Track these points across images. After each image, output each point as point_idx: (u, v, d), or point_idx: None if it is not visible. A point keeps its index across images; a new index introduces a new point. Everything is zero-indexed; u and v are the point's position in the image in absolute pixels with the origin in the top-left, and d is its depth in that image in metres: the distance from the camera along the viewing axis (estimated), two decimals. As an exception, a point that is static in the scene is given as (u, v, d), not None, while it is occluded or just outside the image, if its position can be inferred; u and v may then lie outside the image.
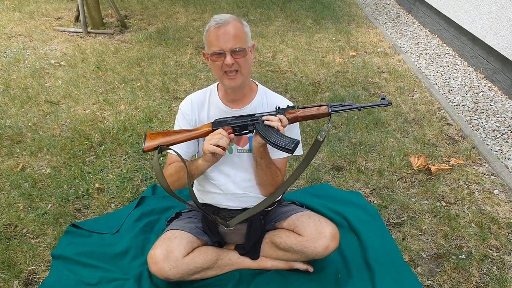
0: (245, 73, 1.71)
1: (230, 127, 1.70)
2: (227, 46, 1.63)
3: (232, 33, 1.63)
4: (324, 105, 1.69)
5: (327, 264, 2.08)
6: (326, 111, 1.68)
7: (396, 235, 2.31)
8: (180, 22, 6.12)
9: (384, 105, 1.67)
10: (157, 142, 1.69)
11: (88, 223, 2.37)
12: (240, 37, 1.65)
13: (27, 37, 5.40)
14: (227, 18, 1.65)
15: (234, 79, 1.69)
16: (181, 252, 1.80)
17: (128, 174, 2.80)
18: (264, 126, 1.66)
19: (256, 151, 1.75)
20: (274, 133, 1.65)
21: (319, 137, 1.71)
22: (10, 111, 3.59)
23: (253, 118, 1.70)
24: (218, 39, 1.63)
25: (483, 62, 4.33)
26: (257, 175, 1.86)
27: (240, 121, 1.71)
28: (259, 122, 1.68)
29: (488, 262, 2.13)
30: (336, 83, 4.19)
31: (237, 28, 1.65)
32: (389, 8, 7.01)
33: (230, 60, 1.63)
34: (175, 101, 3.81)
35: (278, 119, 1.65)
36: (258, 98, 1.85)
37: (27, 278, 2.04)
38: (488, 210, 2.49)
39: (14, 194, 2.60)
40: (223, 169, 1.89)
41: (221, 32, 1.62)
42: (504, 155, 3.03)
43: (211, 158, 1.69)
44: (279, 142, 1.63)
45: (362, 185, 2.72)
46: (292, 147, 1.63)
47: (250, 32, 1.73)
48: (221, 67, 1.67)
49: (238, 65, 1.66)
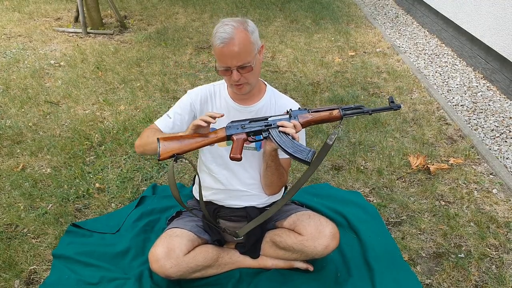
0: (252, 82, 1.74)
1: (245, 133, 1.71)
2: (233, 64, 1.64)
3: (237, 50, 1.61)
4: (335, 108, 1.71)
5: (327, 263, 2.09)
6: (338, 115, 1.70)
7: (396, 234, 2.32)
8: (180, 23, 6.13)
9: (394, 109, 1.70)
10: (172, 150, 1.65)
11: (88, 222, 2.37)
12: (245, 52, 1.64)
13: (26, 37, 5.40)
14: (231, 32, 1.60)
15: (241, 88, 1.73)
16: (182, 250, 1.81)
17: (128, 174, 2.80)
18: (278, 132, 1.67)
19: (267, 155, 1.77)
20: (289, 141, 1.66)
21: (328, 141, 1.72)
22: (10, 111, 3.60)
23: (267, 123, 1.71)
24: (223, 56, 1.63)
25: (482, 62, 4.35)
26: (265, 176, 1.87)
27: (253, 126, 1.71)
28: (272, 127, 1.69)
29: (487, 261, 2.14)
30: (335, 83, 4.20)
31: (242, 43, 1.62)
32: (388, 8, 7.03)
33: (236, 76, 1.66)
34: (175, 101, 3.77)
35: (293, 126, 1.66)
36: (267, 97, 1.88)
37: (28, 278, 2.04)
38: (487, 209, 2.50)
39: (14, 194, 2.60)
40: (228, 164, 1.90)
41: (225, 50, 1.62)
42: (502, 154, 3.05)
43: (190, 131, 1.67)
44: (297, 153, 1.64)
45: (361, 185, 2.73)
46: (311, 159, 1.64)
47: (257, 31, 1.71)
48: (229, 79, 1.70)
49: (245, 78, 1.68)
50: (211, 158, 1.92)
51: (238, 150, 1.68)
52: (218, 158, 1.91)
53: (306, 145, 1.94)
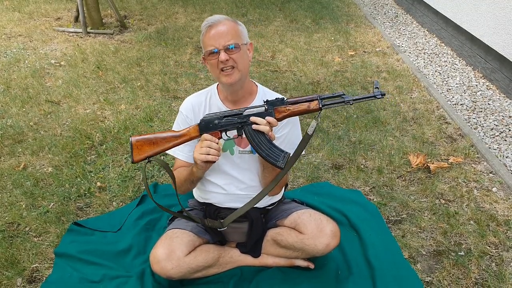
0: (242, 69, 1.70)
1: (218, 131, 1.68)
2: (220, 44, 1.64)
3: (224, 30, 1.65)
4: (314, 99, 1.64)
5: (327, 261, 2.10)
6: (316, 107, 1.64)
7: (396, 233, 2.33)
8: (180, 22, 6.13)
9: (377, 98, 1.58)
10: (146, 153, 1.68)
11: (90, 221, 2.38)
12: (232, 34, 1.66)
13: (27, 37, 5.41)
14: (219, 17, 1.68)
15: (230, 75, 1.68)
16: (183, 251, 1.81)
17: (129, 173, 2.81)
18: (253, 130, 1.63)
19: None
20: (264, 141, 1.62)
21: (308, 131, 1.68)
22: (11, 110, 3.61)
23: (241, 118, 1.66)
24: (211, 38, 1.65)
25: (481, 61, 4.36)
26: (263, 177, 1.87)
27: (227, 122, 1.67)
28: (247, 124, 1.64)
29: (487, 259, 2.15)
30: (335, 83, 4.21)
31: (229, 26, 1.67)
32: (387, 8, 7.04)
33: (224, 56, 1.64)
34: (175, 100, 3.82)
35: (267, 122, 1.62)
36: (259, 99, 1.85)
37: (30, 276, 2.05)
38: (487, 207, 2.51)
39: (16, 193, 2.61)
40: (225, 170, 1.90)
41: (213, 31, 1.65)
42: (502, 153, 3.06)
43: (204, 166, 1.70)
44: (270, 156, 1.62)
45: (361, 183, 2.74)
46: (284, 164, 1.61)
47: (246, 30, 1.74)
48: (217, 65, 1.67)
49: (233, 61, 1.66)
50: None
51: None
52: (215, 166, 1.87)
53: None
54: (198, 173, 1.75)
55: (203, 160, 1.65)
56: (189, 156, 1.88)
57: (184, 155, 1.89)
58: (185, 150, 1.87)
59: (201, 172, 1.76)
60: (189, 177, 1.80)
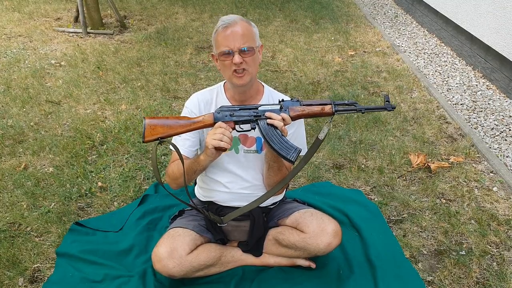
0: (252, 72, 1.72)
1: (232, 121, 1.69)
2: (235, 46, 1.65)
3: (240, 32, 1.65)
4: (328, 104, 1.68)
5: (329, 261, 2.10)
6: (330, 111, 1.67)
7: (397, 232, 2.33)
8: (179, 22, 6.13)
9: (388, 110, 1.65)
10: (158, 135, 1.66)
11: (91, 221, 2.38)
12: (248, 36, 1.67)
13: (27, 37, 5.40)
14: (235, 18, 1.67)
15: (242, 77, 1.70)
16: (185, 249, 1.82)
17: (131, 173, 2.81)
18: (266, 125, 1.65)
19: (269, 155, 1.77)
20: (277, 136, 1.64)
21: (320, 136, 1.71)
22: (11, 111, 3.61)
23: (256, 112, 1.68)
24: (226, 39, 1.65)
25: (481, 61, 4.37)
26: (268, 176, 1.87)
27: (243, 115, 1.69)
28: (262, 119, 1.67)
29: (488, 258, 2.15)
30: (335, 83, 4.22)
31: (245, 28, 1.67)
32: (387, 8, 7.05)
33: (238, 59, 1.64)
34: (176, 100, 3.83)
35: (281, 118, 1.64)
36: (265, 99, 1.87)
37: (32, 276, 2.05)
38: (488, 207, 2.52)
39: (17, 193, 2.61)
40: (229, 168, 1.90)
41: (229, 32, 1.65)
42: (502, 152, 3.07)
43: (213, 153, 1.68)
44: (282, 150, 1.63)
45: (362, 183, 2.74)
46: (295, 158, 1.62)
47: (258, 32, 1.75)
48: (230, 66, 1.68)
49: (246, 64, 1.67)
50: (212, 164, 1.89)
51: None
52: (219, 164, 1.89)
53: (305, 141, 1.95)
54: (205, 161, 1.73)
55: (216, 146, 1.63)
56: (189, 151, 1.87)
57: (185, 150, 1.87)
58: (186, 144, 1.86)
59: (209, 161, 1.73)
60: (192, 166, 1.76)
